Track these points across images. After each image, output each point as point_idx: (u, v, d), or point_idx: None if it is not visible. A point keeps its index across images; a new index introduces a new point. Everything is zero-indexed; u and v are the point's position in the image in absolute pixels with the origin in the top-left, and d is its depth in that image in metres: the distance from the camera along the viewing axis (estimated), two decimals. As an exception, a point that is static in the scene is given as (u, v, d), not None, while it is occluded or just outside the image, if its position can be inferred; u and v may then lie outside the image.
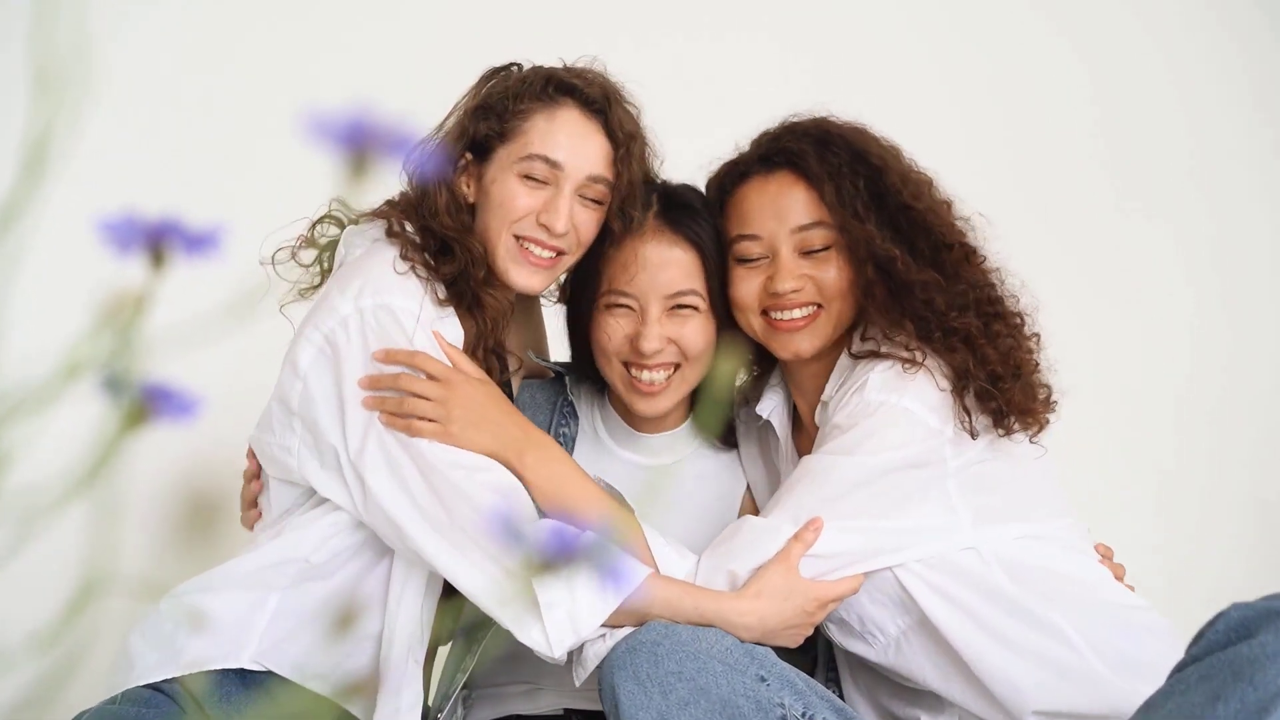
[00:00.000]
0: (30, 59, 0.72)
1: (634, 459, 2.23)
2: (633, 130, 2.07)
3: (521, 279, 2.03)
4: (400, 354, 1.91)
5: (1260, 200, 3.77)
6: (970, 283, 2.00)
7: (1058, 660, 1.92)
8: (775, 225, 2.04)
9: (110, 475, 0.70)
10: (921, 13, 3.75)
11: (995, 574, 1.94)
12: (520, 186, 2.01)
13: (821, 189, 2.02)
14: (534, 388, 2.28)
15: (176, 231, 0.72)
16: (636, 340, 2.08)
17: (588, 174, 2.03)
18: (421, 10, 3.52)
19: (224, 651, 1.94)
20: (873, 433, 1.91)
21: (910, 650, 1.99)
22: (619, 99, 2.08)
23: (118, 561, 0.77)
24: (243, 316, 0.72)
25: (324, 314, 1.94)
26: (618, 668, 1.79)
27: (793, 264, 2.03)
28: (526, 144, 2.01)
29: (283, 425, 1.97)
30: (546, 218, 2.00)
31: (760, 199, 2.07)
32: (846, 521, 1.91)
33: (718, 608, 1.89)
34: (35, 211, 0.73)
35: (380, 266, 1.95)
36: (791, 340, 2.05)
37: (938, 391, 1.94)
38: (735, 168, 2.12)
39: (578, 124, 2.04)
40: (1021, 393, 1.96)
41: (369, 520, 1.92)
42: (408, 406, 1.89)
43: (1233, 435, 3.70)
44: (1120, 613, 1.97)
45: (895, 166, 2.06)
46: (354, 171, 0.67)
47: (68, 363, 0.70)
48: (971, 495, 1.94)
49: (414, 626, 1.96)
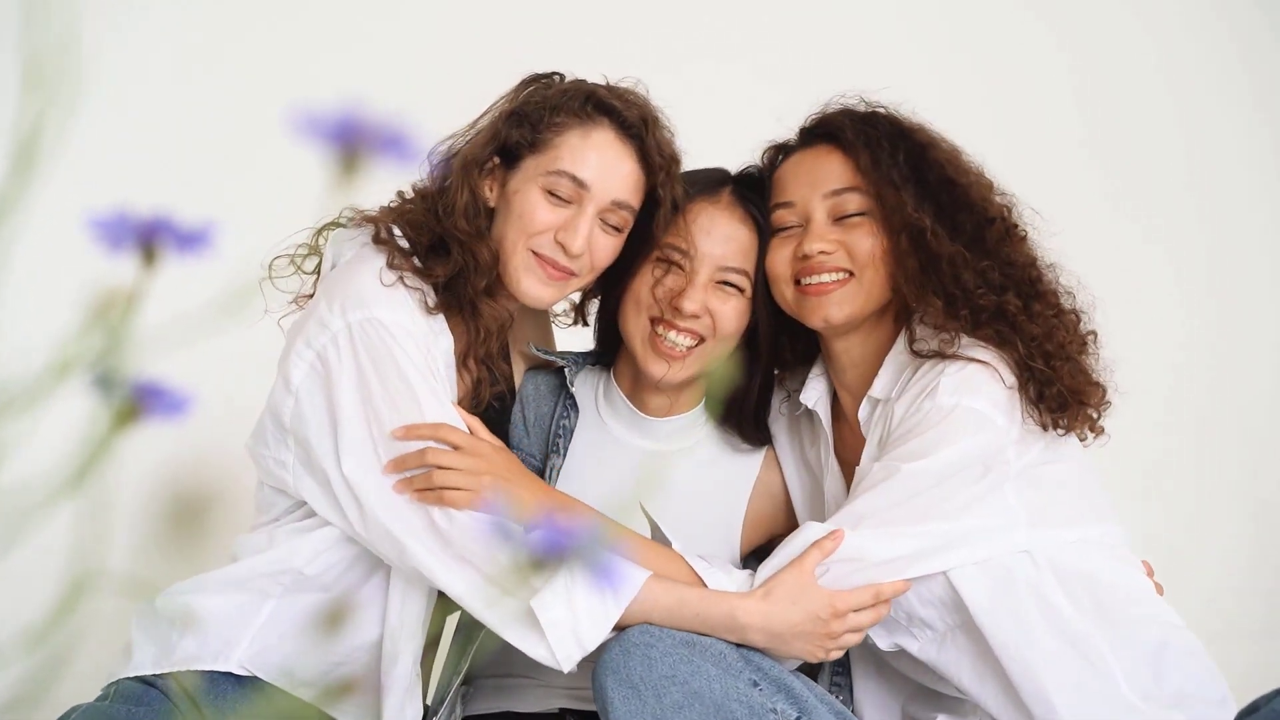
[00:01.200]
0: (21, 55, 0.71)
1: (639, 443, 2.22)
2: (671, 155, 2.05)
3: (533, 290, 2.00)
4: (423, 428, 1.88)
5: (1251, 198, 3.78)
6: (1010, 260, 1.98)
7: (1092, 684, 1.90)
8: (808, 191, 2.04)
9: (101, 473, 0.70)
10: (917, 19, 3.75)
11: (1047, 580, 1.92)
12: (543, 200, 1.98)
13: (857, 156, 2.01)
14: (538, 379, 2.26)
15: (168, 229, 0.71)
16: (678, 298, 2.07)
17: (613, 198, 2.00)
18: (420, 11, 3.51)
19: (214, 652, 1.94)
20: (945, 437, 1.89)
21: (953, 649, 1.98)
22: (657, 124, 2.05)
23: (108, 559, 0.77)
24: (234, 315, 0.72)
25: (314, 328, 1.91)
26: (610, 670, 1.78)
27: (824, 228, 2.02)
28: (556, 158, 1.98)
29: (277, 440, 1.96)
30: (564, 236, 1.97)
31: (797, 169, 2.07)
32: (907, 527, 1.89)
33: (721, 608, 1.86)
34: (26, 208, 0.73)
35: (366, 276, 1.93)
36: (821, 305, 2.02)
37: (1005, 389, 1.92)
38: (779, 149, 2.13)
39: (611, 146, 2.01)
40: (1071, 374, 1.94)
41: (367, 537, 1.90)
42: (437, 479, 1.86)
43: (1227, 435, 3.71)
44: (1160, 631, 1.95)
45: (942, 144, 2.05)
46: (345, 169, 0.66)
47: (59, 360, 0.69)
48: (1029, 496, 1.93)
49: (416, 641, 1.96)
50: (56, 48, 0.70)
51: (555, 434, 2.21)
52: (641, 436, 2.22)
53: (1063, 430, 1.95)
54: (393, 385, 1.88)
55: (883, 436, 1.99)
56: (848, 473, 2.12)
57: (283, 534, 1.98)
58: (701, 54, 3.61)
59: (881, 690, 2.13)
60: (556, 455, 2.19)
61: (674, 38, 3.61)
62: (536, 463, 2.21)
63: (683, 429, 2.23)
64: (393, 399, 1.88)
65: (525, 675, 2.16)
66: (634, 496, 2.16)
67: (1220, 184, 3.78)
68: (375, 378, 1.88)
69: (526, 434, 2.22)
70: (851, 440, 2.11)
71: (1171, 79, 3.79)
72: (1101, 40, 3.79)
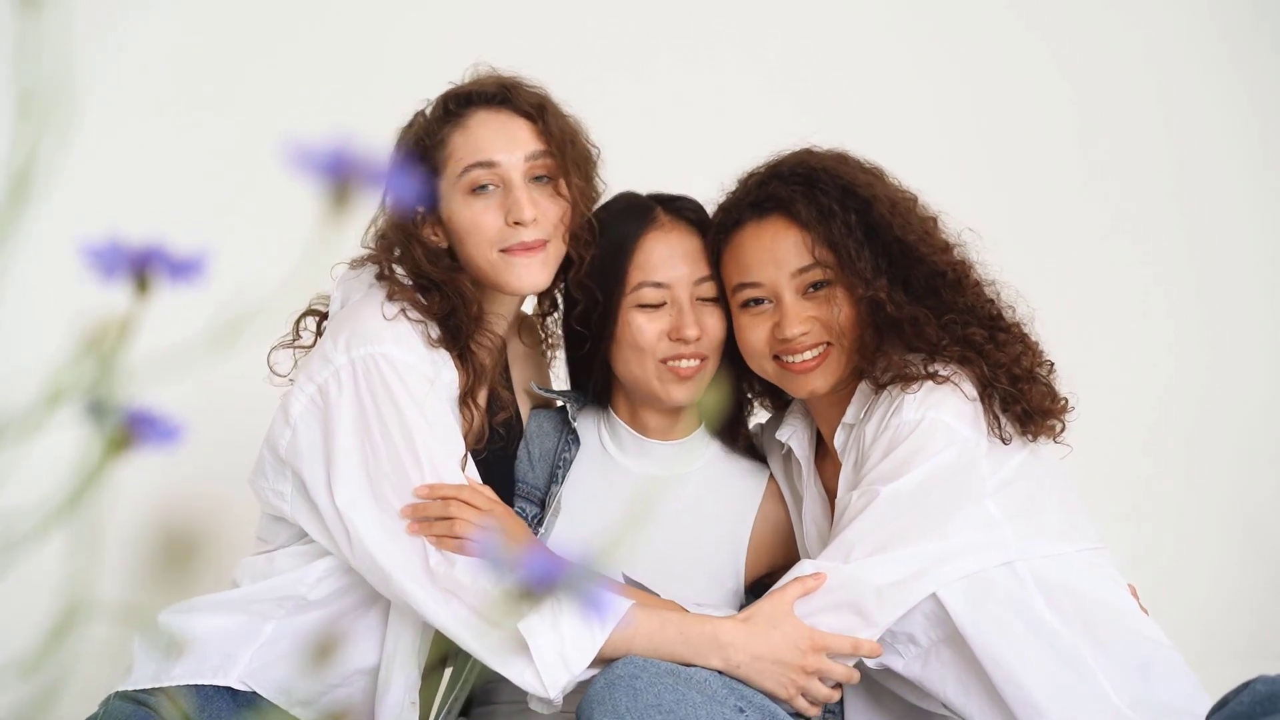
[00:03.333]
0: (14, 84, 0.72)
1: (643, 469, 2.24)
2: (539, 101, 2.08)
3: (520, 279, 2.03)
4: (446, 489, 1.91)
5: (1241, 215, 3.79)
6: (967, 307, 2.03)
7: (1080, 693, 1.91)
8: (775, 271, 2.07)
9: (93, 502, 0.70)
10: (907, 30, 3.76)
11: (1031, 593, 1.94)
12: (476, 203, 2.01)
13: (814, 232, 2.05)
14: (541, 417, 2.29)
15: (161, 258, 0.72)
16: (677, 330, 2.12)
17: (524, 154, 2.03)
18: (411, 31, 3.52)
19: (213, 666, 1.96)
20: (916, 453, 1.93)
21: (937, 663, 1.99)
22: (517, 84, 2.09)
23: (100, 588, 0.77)
24: (227, 344, 0.72)
25: (318, 364, 1.95)
26: (596, 703, 1.80)
27: (797, 307, 2.06)
28: (456, 162, 2.02)
29: (275, 472, 1.99)
30: (512, 215, 2.00)
31: (756, 247, 2.09)
32: (898, 550, 1.92)
33: (702, 630, 1.89)
34: (19, 236, 0.73)
35: (371, 312, 1.96)
36: (807, 380, 2.07)
37: (968, 401, 1.97)
38: (728, 215, 2.14)
39: (489, 119, 2.05)
40: (1039, 395, 2.00)
41: (357, 565, 1.93)
42: (459, 529, 1.90)
43: (1215, 454, 3.71)
44: (1145, 646, 1.96)
45: (883, 194, 2.08)
46: (336, 201, 0.67)
47: (51, 388, 0.70)
48: (1012, 510, 1.96)
49: (409, 670, 1.97)
50: (51, 78, 0.70)
51: (557, 466, 2.24)
52: (643, 460, 2.24)
53: (1030, 438, 2.00)
54: (391, 422, 1.90)
55: (857, 459, 2.03)
56: (833, 501, 2.13)
57: (285, 560, 2.01)
58: (689, 61, 3.62)
59: (872, 714, 2.14)
60: (557, 484, 2.22)
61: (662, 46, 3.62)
62: (540, 495, 2.23)
63: (685, 453, 2.26)
64: (390, 435, 1.91)
65: (519, 700, 2.16)
66: (627, 520, 2.17)
67: (1210, 201, 3.79)
68: (374, 413, 1.91)
69: (531, 468, 2.25)
70: (835, 471, 2.14)
71: (1164, 91, 3.80)
72: (1096, 55, 3.80)
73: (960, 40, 3.77)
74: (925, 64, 3.76)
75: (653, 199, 2.21)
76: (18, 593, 1.52)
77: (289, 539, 2.02)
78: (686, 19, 3.66)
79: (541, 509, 2.20)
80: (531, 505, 2.20)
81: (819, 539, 2.16)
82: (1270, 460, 3.71)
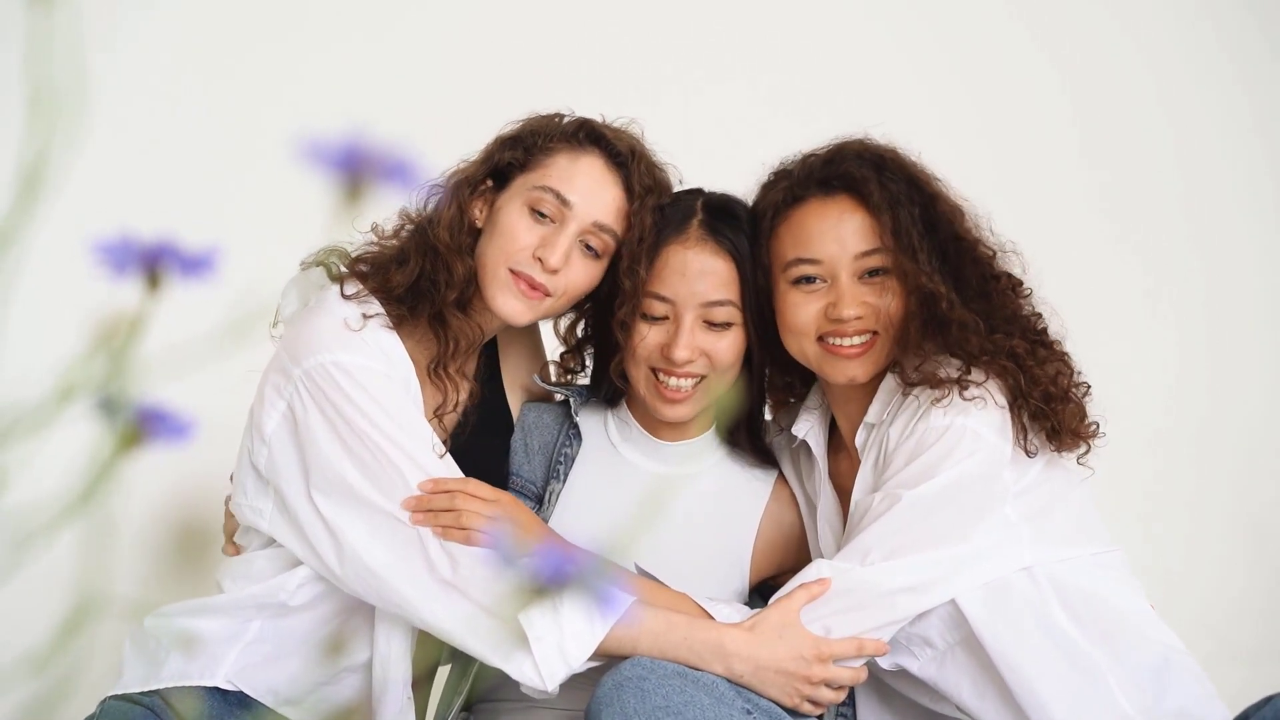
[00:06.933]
0: (25, 82, 0.72)
1: (650, 467, 2.23)
2: (651, 185, 2.07)
3: (507, 306, 2.02)
4: (451, 483, 1.92)
5: (1245, 220, 3.78)
6: (1014, 314, 2.01)
7: (1093, 701, 1.91)
8: (837, 250, 2.02)
9: (105, 497, 0.70)
10: (907, 38, 3.76)
11: (1048, 598, 1.93)
12: (526, 218, 2.01)
13: (881, 217, 2.01)
14: (540, 409, 2.27)
15: (172, 254, 0.72)
16: (669, 348, 2.07)
17: (595, 219, 2.02)
18: (419, 28, 3.52)
19: (200, 667, 1.96)
20: (942, 459, 1.91)
21: (953, 666, 1.98)
22: (644, 156, 2.08)
23: (112, 583, 0.77)
24: (238, 340, 0.72)
25: (279, 378, 1.95)
26: (605, 704, 1.80)
27: (854, 290, 2.01)
28: (544, 176, 2.02)
29: (256, 489, 1.99)
30: (543, 251, 1.99)
31: (821, 223, 2.04)
32: (915, 555, 1.90)
33: (707, 637, 1.89)
34: (31, 233, 0.73)
35: (318, 319, 1.97)
36: (849, 366, 2.02)
37: (998, 409, 1.94)
38: (789, 191, 2.09)
39: (598, 171, 2.04)
40: (1071, 415, 1.96)
41: (342, 576, 1.92)
42: (465, 520, 1.90)
43: (1221, 457, 3.71)
44: (1160, 652, 1.95)
45: (947, 195, 2.06)
46: (349, 196, 0.67)
47: (63, 384, 0.70)
48: (1030, 515, 1.94)
49: (405, 666, 1.98)
50: (62, 75, 0.70)
51: (556, 461, 2.21)
52: (652, 460, 2.23)
53: (1055, 447, 1.97)
54: (360, 426, 1.90)
55: (878, 460, 2.01)
56: (845, 500, 2.12)
57: (263, 562, 2.01)
58: (698, 77, 3.62)
59: (885, 717, 2.13)
60: (557, 481, 2.20)
61: (670, 62, 3.62)
62: (536, 489, 2.21)
63: (694, 453, 2.24)
64: (362, 439, 1.91)
65: (523, 699, 2.16)
66: (638, 517, 2.16)
67: (1214, 207, 3.78)
68: (339, 420, 1.91)
69: (527, 460, 2.23)
70: (848, 469, 2.12)
71: (1166, 98, 3.79)
72: (1101, 61, 3.80)
73: (964, 49, 3.76)
74: (927, 72, 3.75)
75: (702, 205, 2.13)
76: (30, 588, 1.52)
77: (264, 542, 2.02)
78: (696, 33, 3.67)
79: (538, 503, 2.19)
80: (527, 499, 2.18)
81: (834, 539, 2.14)
82: (1276, 462, 3.71)
